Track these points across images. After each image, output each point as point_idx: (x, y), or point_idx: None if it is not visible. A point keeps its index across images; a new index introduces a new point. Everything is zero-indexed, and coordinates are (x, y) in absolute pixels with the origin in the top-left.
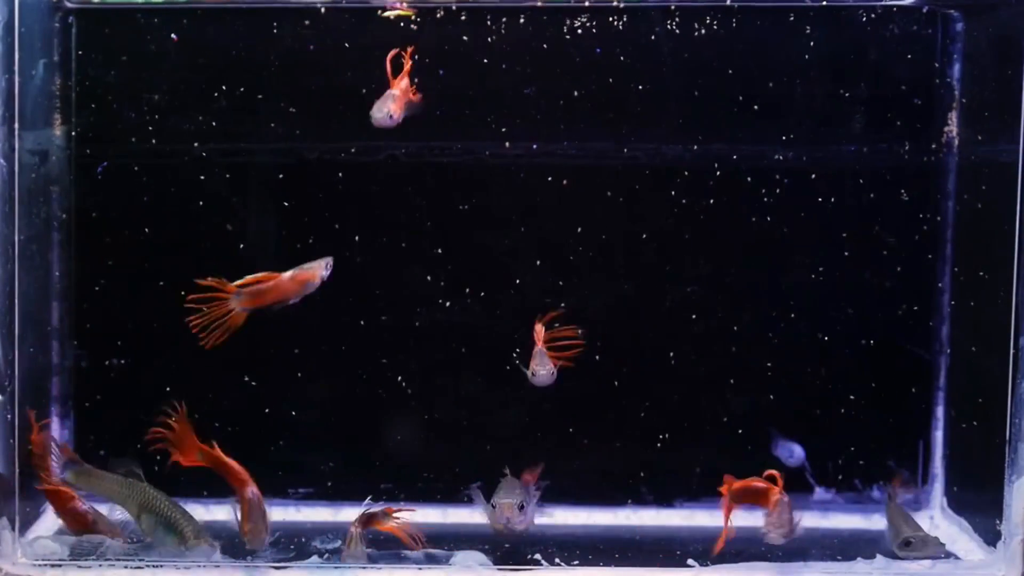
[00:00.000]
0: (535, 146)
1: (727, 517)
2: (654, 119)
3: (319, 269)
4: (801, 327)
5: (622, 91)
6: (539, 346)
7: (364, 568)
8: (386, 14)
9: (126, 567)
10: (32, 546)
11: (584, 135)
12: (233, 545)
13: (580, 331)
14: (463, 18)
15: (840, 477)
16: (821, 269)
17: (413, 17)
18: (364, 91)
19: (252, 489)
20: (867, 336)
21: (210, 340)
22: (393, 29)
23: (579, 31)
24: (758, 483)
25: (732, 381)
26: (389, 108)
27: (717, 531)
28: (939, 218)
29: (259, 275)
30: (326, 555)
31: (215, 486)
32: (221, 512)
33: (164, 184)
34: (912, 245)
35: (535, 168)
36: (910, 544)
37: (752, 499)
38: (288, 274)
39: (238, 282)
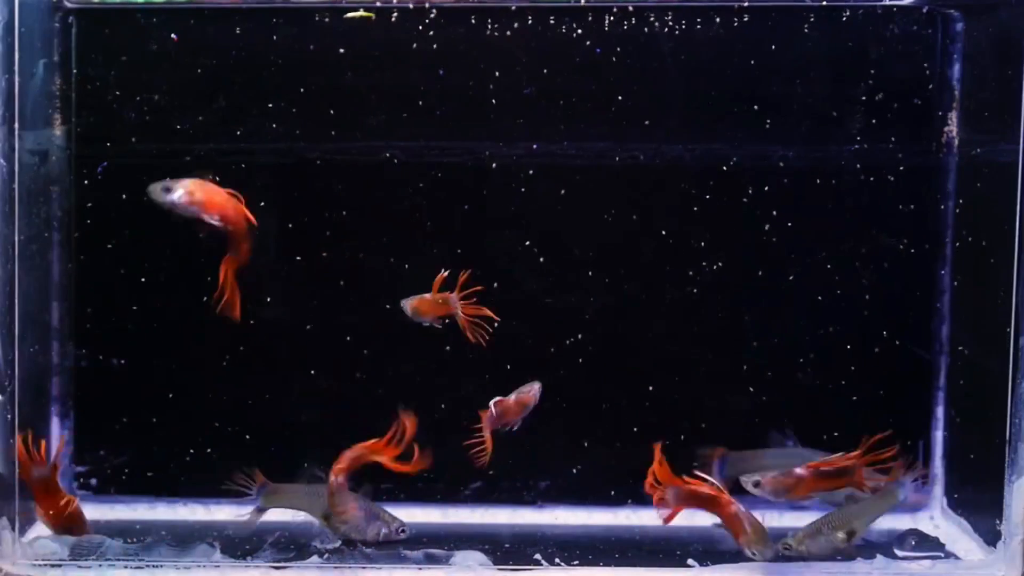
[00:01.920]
0: (535, 146)
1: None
2: (654, 119)
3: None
4: (801, 327)
5: (622, 91)
6: None
7: (364, 568)
8: (348, 16)
9: (126, 567)
10: (32, 546)
11: (584, 135)
12: (233, 545)
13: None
14: (463, 18)
15: None
16: (821, 269)
17: (373, 18)
18: (365, 91)
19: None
20: (867, 336)
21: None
22: (393, 28)
23: (579, 31)
24: (704, 488)
25: (732, 381)
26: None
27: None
28: (939, 218)
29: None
30: (326, 555)
31: (215, 486)
32: (221, 512)
33: None
34: (912, 245)
35: (535, 168)
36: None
37: (699, 504)
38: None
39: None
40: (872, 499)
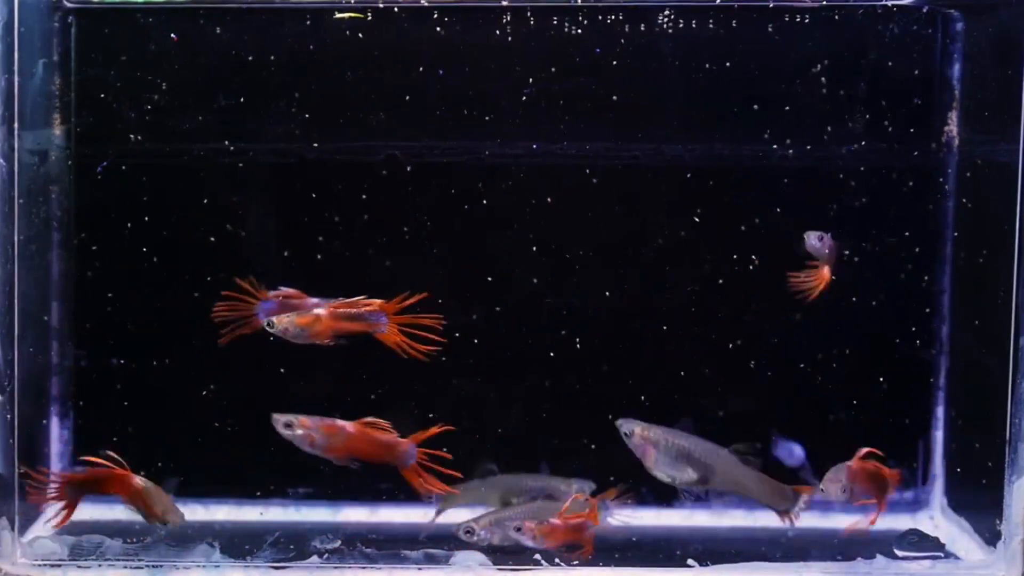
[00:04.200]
0: (535, 146)
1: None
2: (654, 119)
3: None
4: (801, 327)
5: (622, 91)
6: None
7: (364, 568)
8: (339, 16)
9: (126, 567)
10: (32, 546)
11: (584, 135)
12: (233, 545)
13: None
14: (463, 18)
15: None
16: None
17: (366, 17)
18: (365, 91)
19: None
20: (867, 336)
21: None
22: (392, 28)
23: (579, 31)
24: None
25: (732, 381)
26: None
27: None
28: (939, 218)
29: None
30: (326, 555)
31: (215, 486)
32: (220, 512)
33: (164, 184)
34: (912, 245)
35: (535, 168)
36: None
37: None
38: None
39: None
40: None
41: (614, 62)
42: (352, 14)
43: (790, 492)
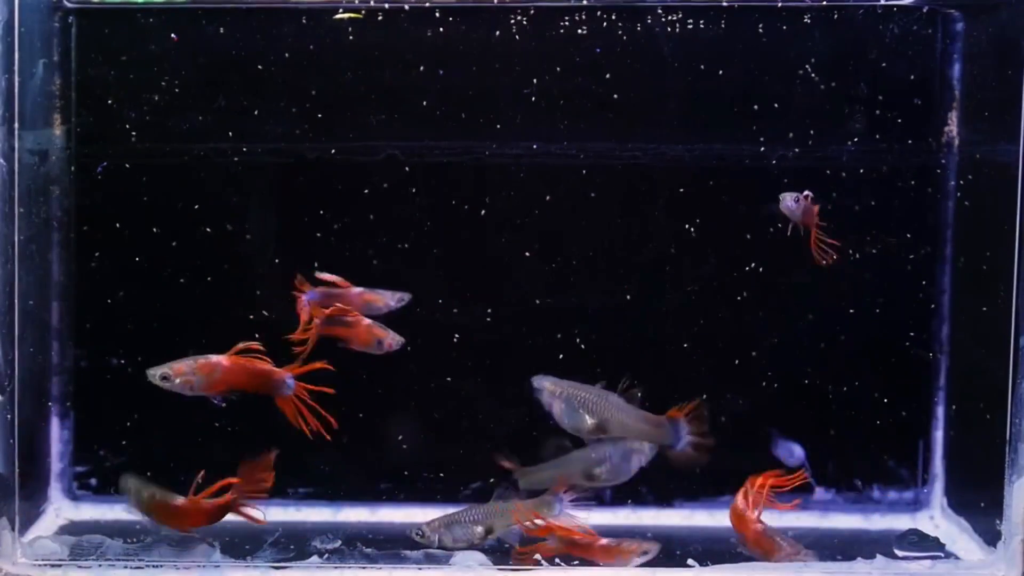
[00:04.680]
0: (535, 146)
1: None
2: (654, 119)
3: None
4: (801, 327)
5: (622, 91)
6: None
7: (364, 568)
8: (336, 17)
9: (126, 567)
10: (32, 546)
11: (584, 135)
12: (233, 545)
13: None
14: (463, 18)
15: (840, 477)
16: (821, 269)
17: (363, 15)
18: (365, 91)
19: None
20: (867, 336)
21: None
22: (392, 27)
23: (579, 31)
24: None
25: (732, 381)
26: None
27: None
28: (939, 218)
29: None
30: (326, 555)
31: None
32: None
33: (164, 184)
34: (912, 245)
35: (535, 168)
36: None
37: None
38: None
39: None
40: (522, 504)
41: (614, 62)
42: (352, 14)
43: (665, 421)
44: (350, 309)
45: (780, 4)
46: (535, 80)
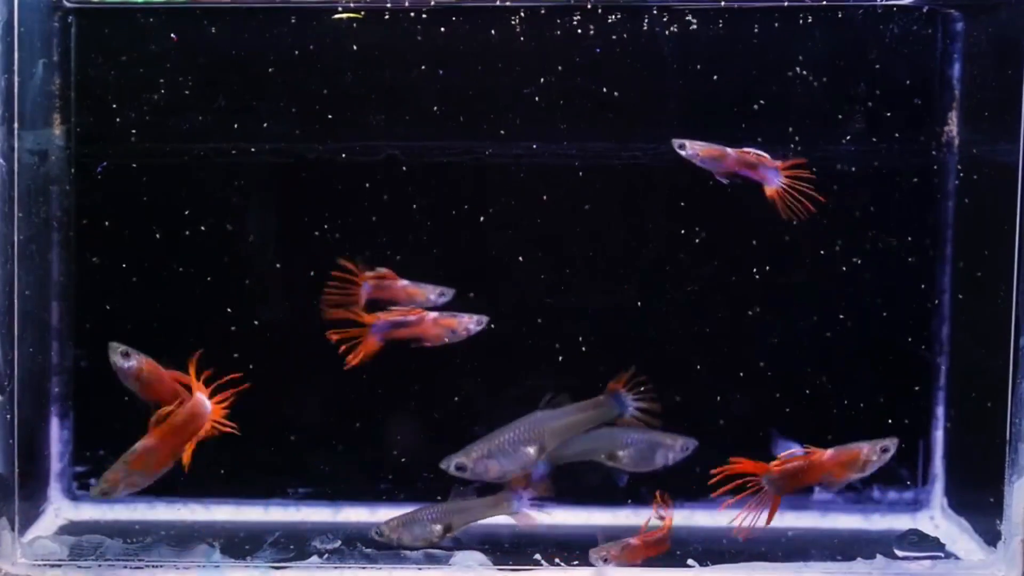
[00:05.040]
0: (535, 146)
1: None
2: (654, 119)
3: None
4: (801, 327)
5: (622, 91)
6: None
7: (364, 568)
8: (336, 16)
9: (126, 567)
10: (32, 546)
11: (584, 135)
12: (232, 545)
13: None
14: (463, 17)
15: None
16: (821, 269)
17: (363, 15)
18: (365, 91)
19: None
20: (867, 336)
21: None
22: (393, 28)
23: (579, 30)
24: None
25: (732, 381)
26: None
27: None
28: (939, 218)
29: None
30: (326, 555)
31: (215, 486)
32: (221, 512)
33: (164, 184)
34: (912, 245)
35: (535, 168)
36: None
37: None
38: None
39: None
40: (480, 501)
41: (614, 62)
42: (351, 14)
43: (602, 399)
44: (411, 308)
45: (780, 4)
46: (535, 80)
